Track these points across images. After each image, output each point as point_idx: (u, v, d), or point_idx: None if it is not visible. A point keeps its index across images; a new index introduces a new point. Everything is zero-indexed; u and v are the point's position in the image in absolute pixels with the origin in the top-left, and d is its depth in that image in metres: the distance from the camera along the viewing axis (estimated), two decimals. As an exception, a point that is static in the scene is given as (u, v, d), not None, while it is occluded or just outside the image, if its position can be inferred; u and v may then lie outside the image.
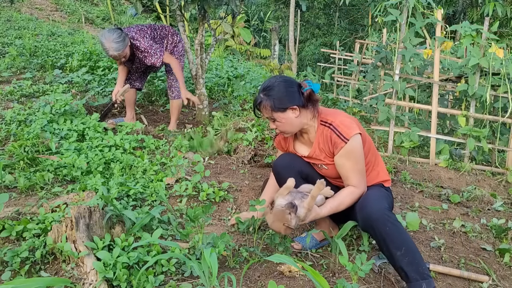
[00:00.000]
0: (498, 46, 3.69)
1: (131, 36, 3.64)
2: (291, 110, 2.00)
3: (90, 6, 10.97)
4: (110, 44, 3.49)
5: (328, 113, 2.09)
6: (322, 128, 2.06)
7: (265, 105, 2.00)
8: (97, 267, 1.72)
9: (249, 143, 3.47)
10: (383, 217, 1.88)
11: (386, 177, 2.20)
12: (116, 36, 3.50)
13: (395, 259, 1.87)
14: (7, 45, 5.82)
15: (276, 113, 2.00)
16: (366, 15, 15.57)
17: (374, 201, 1.97)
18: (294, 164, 2.16)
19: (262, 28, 13.38)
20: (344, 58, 8.15)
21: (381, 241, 1.89)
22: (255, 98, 2.07)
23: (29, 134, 3.14)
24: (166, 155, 3.28)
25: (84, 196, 2.32)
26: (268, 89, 2.01)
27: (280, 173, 2.18)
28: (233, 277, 1.58)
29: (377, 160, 2.19)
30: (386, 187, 2.17)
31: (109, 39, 3.48)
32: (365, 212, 1.92)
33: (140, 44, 3.65)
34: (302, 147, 2.20)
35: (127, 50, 3.62)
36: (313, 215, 1.93)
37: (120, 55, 3.58)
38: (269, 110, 2.00)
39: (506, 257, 2.36)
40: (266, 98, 2.00)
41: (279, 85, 2.00)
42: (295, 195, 1.95)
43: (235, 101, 4.81)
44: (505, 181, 3.57)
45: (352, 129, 1.99)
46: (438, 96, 3.98)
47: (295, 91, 2.01)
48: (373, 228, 1.89)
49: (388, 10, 3.91)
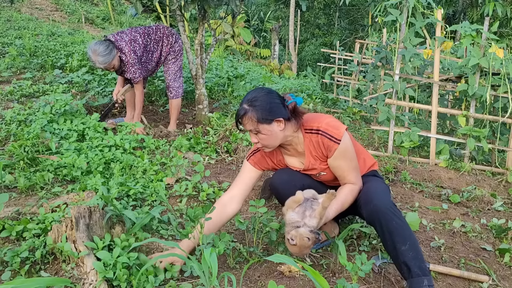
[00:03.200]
0: (498, 46, 3.69)
1: (120, 47, 3.64)
2: (277, 122, 1.93)
3: (90, 6, 10.97)
4: (96, 57, 3.50)
5: (309, 120, 2.04)
6: (309, 136, 2.02)
7: (250, 116, 1.90)
8: (97, 267, 1.72)
9: (249, 143, 3.47)
10: (390, 211, 1.88)
11: (372, 161, 2.21)
12: (102, 49, 3.49)
13: (399, 254, 1.86)
14: (7, 45, 5.83)
15: (262, 124, 1.91)
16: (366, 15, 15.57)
17: (379, 194, 1.97)
18: (294, 179, 2.12)
19: (262, 28, 13.39)
20: (344, 58, 8.15)
21: (387, 235, 1.88)
22: (238, 110, 1.94)
23: (29, 134, 3.14)
24: (166, 155, 3.28)
25: (84, 196, 2.32)
26: (253, 100, 1.92)
27: (281, 191, 2.13)
28: (233, 277, 1.58)
29: (359, 148, 2.19)
30: (378, 174, 2.20)
31: (95, 52, 3.49)
32: (372, 205, 1.92)
33: (125, 58, 3.67)
34: (292, 159, 2.14)
35: (115, 61, 3.62)
36: (323, 220, 1.94)
37: (106, 68, 3.60)
38: (254, 121, 1.90)
39: (506, 257, 2.36)
40: (251, 109, 1.90)
41: (264, 96, 1.93)
42: (305, 205, 1.93)
43: (235, 101, 4.81)
44: (505, 181, 3.57)
45: (340, 128, 1.98)
46: (438, 96, 3.98)
47: (279, 103, 1.95)
48: (380, 221, 1.89)
49: (388, 10, 3.90)
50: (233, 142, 3.55)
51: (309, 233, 1.86)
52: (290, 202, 1.96)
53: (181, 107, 4.32)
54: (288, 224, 1.94)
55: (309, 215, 1.90)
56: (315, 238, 1.86)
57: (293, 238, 1.87)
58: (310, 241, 1.86)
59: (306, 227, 1.88)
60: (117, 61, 3.64)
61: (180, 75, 4.12)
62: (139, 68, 3.74)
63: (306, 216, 1.91)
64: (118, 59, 3.64)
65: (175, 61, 4.04)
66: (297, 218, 1.91)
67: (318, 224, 1.90)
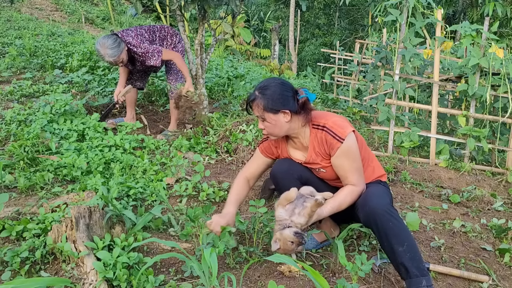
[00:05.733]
0: (498, 46, 3.69)
1: (128, 42, 3.64)
2: (283, 113, 1.98)
3: (90, 6, 10.97)
4: (105, 50, 3.50)
5: (318, 116, 2.08)
6: (315, 132, 2.05)
7: (258, 103, 1.99)
8: (97, 267, 1.72)
9: (249, 143, 3.47)
10: (386, 212, 1.88)
11: (381, 172, 2.20)
12: (111, 42, 3.49)
13: (396, 255, 1.86)
14: (7, 45, 5.83)
15: (268, 113, 1.98)
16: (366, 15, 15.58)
17: (377, 196, 1.97)
18: (293, 170, 2.14)
19: (262, 28, 13.38)
20: (344, 58, 8.15)
21: (384, 236, 1.88)
22: (249, 95, 2.06)
23: (29, 134, 3.14)
24: (166, 155, 3.28)
25: (84, 196, 2.32)
26: (264, 88, 1.99)
27: (279, 179, 2.15)
28: (233, 277, 1.58)
29: (370, 156, 2.19)
30: (383, 183, 2.18)
31: (104, 46, 3.49)
32: (368, 207, 1.92)
33: (137, 50, 3.67)
34: (296, 152, 2.17)
35: (123, 55, 3.61)
36: (315, 217, 1.93)
37: (115, 61, 3.59)
38: (261, 108, 1.98)
39: (506, 257, 2.36)
40: (260, 96, 1.98)
41: (276, 86, 1.99)
42: (296, 202, 1.93)
43: (235, 101, 4.81)
44: (505, 181, 3.57)
45: (346, 128, 1.99)
46: (438, 96, 3.98)
47: (290, 96, 1.99)
48: (376, 223, 1.89)
49: (388, 10, 3.90)
50: (233, 142, 3.55)
51: (292, 237, 1.88)
52: (282, 198, 1.97)
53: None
54: (276, 221, 1.97)
55: (298, 212, 1.91)
56: (299, 241, 1.89)
57: (276, 240, 1.91)
58: (293, 245, 1.90)
59: (291, 228, 1.90)
60: (125, 55, 3.63)
61: (181, 75, 4.12)
62: (154, 49, 3.70)
63: (294, 214, 1.92)
64: (126, 53, 3.64)
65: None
66: (285, 216, 1.93)
67: (306, 222, 1.91)
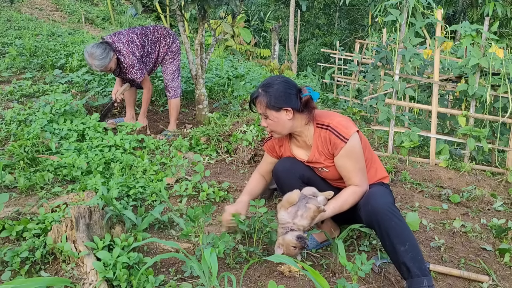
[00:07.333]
0: (498, 46, 3.69)
1: (118, 49, 3.64)
2: (285, 111, 1.99)
3: (90, 6, 10.97)
4: (93, 61, 3.52)
5: (322, 115, 2.08)
6: (319, 131, 2.05)
7: (260, 100, 2.00)
8: (97, 267, 1.72)
9: (249, 143, 3.47)
10: (389, 212, 1.88)
11: (384, 173, 2.20)
12: (99, 53, 3.51)
13: (398, 254, 1.86)
14: (7, 45, 5.82)
15: (270, 111, 1.99)
16: (366, 15, 15.57)
17: (379, 196, 1.97)
18: (295, 168, 2.14)
19: (262, 28, 13.37)
20: (344, 58, 8.15)
21: (385, 235, 1.88)
22: (253, 92, 2.07)
23: (29, 134, 3.14)
24: (166, 155, 3.28)
25: (84, 196, 2.32)
26: (267, 86, 2.01)
27: (281, 178, 2.16)
28: (233, 277, 1.58)
29: (373, 157, 2.20)
30: (386, 184, 2.17)
31: (92, 56, 3.51)
32: (370, 206, 1.92)
33: (124, 60, 3.68)
34: (299, 151, 2.18)
35: (111, 64, 3.63)
36: (318, 218, 1.94)
37: (102, 71, 3.63)
38: (263, 106, 2.00)
39: (506, 257, 2.36)
40: (263, 94, 2.00)
41: (279, 84, 2.00)
42: (299, 204, 1.93)
43: (235, 101, 4.81)
44: (505, 181, 3.57)
45: (350, 128, 1.99)
46: (438, 96, 3.98)
47: (293, 94, 2.00)
48: (378, 222, 1.89)
49: (388, 10, 3.90)
50: (233, 142, 3.55)
51: (295, 242, 1.89)
52: (284, 201, 1.97)
53: (180, 107, 4.32)
54: (279, 224, 1.97)
55: (301, 215, 1.91)
56: (301, 246, 1.90)
57: (279, 246, 1.92)
58: (296, 249, 1.91)
59: (293, 232, 1.90)
60: (114, 63, 3.65)
61: (178, 75, 4.13)
62: (140, 68, 3.74)
63: (297, 216, 1.92)
64: (115, 61, 3.66)
65: (172, 61, 4.04)
66: (288, 219, 1.93)
67: (309, 224, 1.92)
